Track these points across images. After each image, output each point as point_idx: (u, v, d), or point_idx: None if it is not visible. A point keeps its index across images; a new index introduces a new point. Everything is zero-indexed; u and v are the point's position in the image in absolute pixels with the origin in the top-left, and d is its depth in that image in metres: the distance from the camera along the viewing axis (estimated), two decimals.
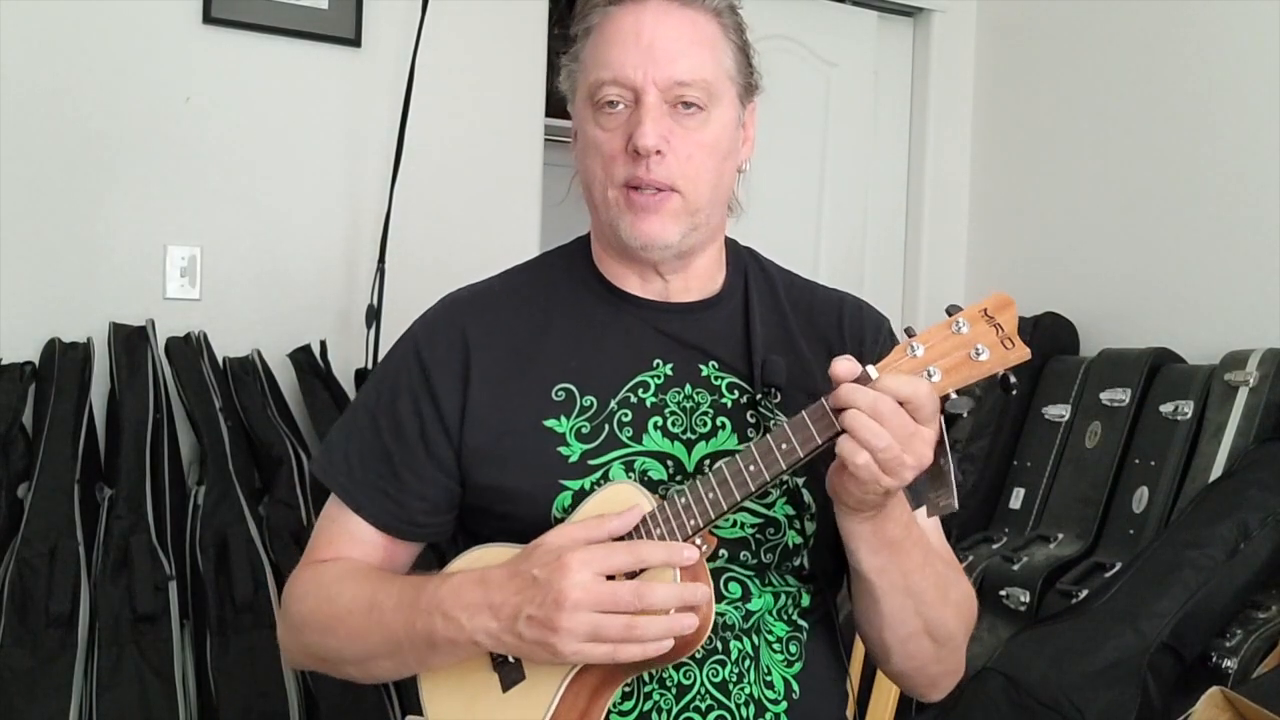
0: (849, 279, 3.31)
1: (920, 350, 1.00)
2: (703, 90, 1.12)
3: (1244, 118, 2.75)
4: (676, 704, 1.11)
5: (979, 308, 1.01)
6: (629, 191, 1.13)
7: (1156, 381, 2.69)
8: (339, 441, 1.23)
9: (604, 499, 1.08)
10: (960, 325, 1.00)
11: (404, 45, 2.70)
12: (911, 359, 1.00)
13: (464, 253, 2.73)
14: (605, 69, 1.12)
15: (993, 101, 3.51)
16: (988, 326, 1.00)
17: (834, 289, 1.31)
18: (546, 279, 1.25)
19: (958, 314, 1.01)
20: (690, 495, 1.04)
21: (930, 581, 1.13)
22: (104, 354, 2.38)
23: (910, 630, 1.14)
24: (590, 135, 1.15)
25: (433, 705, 1.15)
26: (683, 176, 1.12)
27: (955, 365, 1.00)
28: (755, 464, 1.02)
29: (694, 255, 1.20)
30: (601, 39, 1.13)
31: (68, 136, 2.44)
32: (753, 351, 1.17)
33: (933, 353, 1.00)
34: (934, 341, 1.00)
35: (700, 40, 1.13)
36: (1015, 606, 2.53)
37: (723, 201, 1.20)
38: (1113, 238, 3.06)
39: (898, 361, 1.00)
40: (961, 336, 1.00)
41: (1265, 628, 2.16)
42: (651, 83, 1.10)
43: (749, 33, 1.21)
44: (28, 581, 2.08)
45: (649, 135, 1.09)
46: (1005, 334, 1.00)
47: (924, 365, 0.99)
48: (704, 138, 1.13)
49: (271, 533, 2.29)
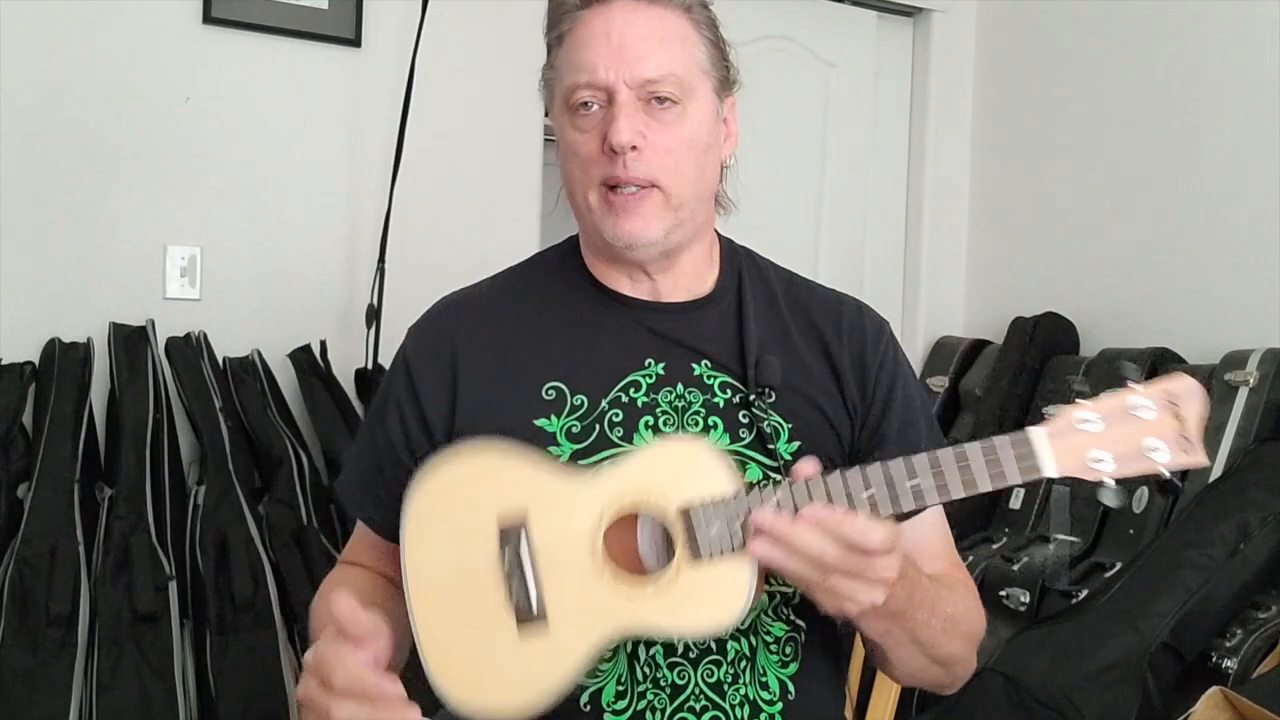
0: (849, 279, 3.31)
1: (1097, 424, 0.91)
2: (675, 85, 1.12)
3: (1244, 118, 2.75)
4: (671, 704, 1.11)
5: (1162, 388, 0.92)
6: (608, 192, 1.13)
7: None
8: (350, 450, 1.29)
9: (671, 455, 1.05)
10: (1140, 407, 0.91)
11: (404, 45, 2.70)
12: (1084, 433, 0.91)
13: (464, 253, 2.73)
14: (578, 72, 1.12)
15: (993, 101, 3.51)
16: (1170, 417, 0.91)
17: (834, 290, 1.30)
18: (538, 279, 1.26)
19: (1137, 389, 0.92)
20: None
21: (939, 630, 1.10)
22: (104, 354, 2.38)
23: (918, 666, 1.13)
24: (568, 139, 1.15)
25: (427, 626, 1.05)
26: (662, 170, 1.12)
27: (1127, 455, 0.92)
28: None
29: (679, 253, 1.19)
30: (574, 42, 1.14)
31: (68, 136, 2.44)
32: (746, 351, 1.17)
33: (1109, 435, 0.91)
34: (1110, 417, 0.92)
35: (669, 36, 1.13)
36: (1015, 607, 2.53)
37: (707, 197, 1.20)
38: (1113, 238, 3.06)
39: (1066, 432, 0.92)
40: (1140, 422, 0.91)
41: (1265, 628, 2.16)
42: (623, 82, 1.11)
43: (730, 30, 1.21)
44: (28, 581, 2.08)
45: (623, 132, 1.10)
46: (1187, 430, 0.91)
47: (1093, 446, 0.91)
48: (681, 131, 1.13)
49: (271, 533, 2.29)
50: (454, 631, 1.04)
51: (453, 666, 1.04)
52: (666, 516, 1.02)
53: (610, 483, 1.05)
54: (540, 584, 1.03)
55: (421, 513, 1.07)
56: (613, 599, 1.02)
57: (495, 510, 1.05)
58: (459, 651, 1.04)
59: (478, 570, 1.04)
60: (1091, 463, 0.92)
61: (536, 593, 1.03)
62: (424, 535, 1.06)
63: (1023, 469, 0.95)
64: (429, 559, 1.06)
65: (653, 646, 1.11)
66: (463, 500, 1.07)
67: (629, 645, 1.12)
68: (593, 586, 1.02)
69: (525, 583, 1.03)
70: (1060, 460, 0.94)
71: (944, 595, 1.12)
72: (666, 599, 1.01)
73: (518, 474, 1.06)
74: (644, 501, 1.03)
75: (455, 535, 1.06)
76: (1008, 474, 0.95)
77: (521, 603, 1.03)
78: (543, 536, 1.04)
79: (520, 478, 1.06)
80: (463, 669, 1.03)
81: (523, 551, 1.04)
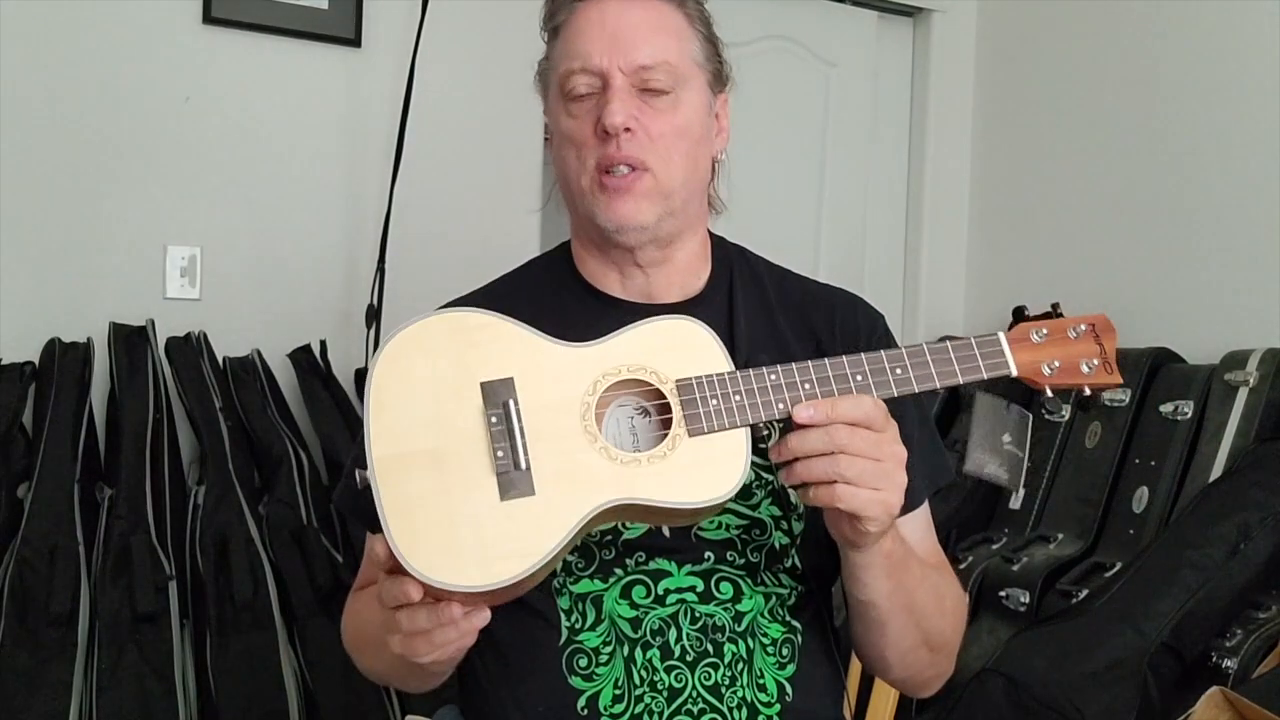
0: (849, 279, 3.29)
1: (1046, 339, 1.07)
2: (668, 74, 1.14)
3: (1244, 117, 2.75)
4: (668, 707, 1.11)
5: (1089, 320, 1.08)
6: (601, 175, 1.14)
7: (1156, 381, 2.69)
8: (348, 462, 1.28)
9: (667, 332, 1.05)
10: (1078, 331, 1.07)
11: (404, 45, 2.70)
12: (1036, 345, 1.06)
13: (464, 253, 2.72)
14: (574, 59, 1.15)
15: (993, 101, 3.50)
16: (1095, 344, 1.08)
17: (828, 285, 1.30)
18: (529, 284, 1.26)
19: (1075, 320, 1.08)
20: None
21: (930, 595, 1.14)
22: (104, 354, 2.38)
23: (911, 644, 1.15)
24: (563, 127, 1.17)
25: (393, 493, 0.97)
26: (653, 153, 1.13)
27: (1067, 368, 1.06)
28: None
29: (673, 247, 1.20)
30: (569, 33, 1.16)
31: (68, 136, 2.45)
32: (736, 350, 1.17)
33: (1053, 346, 1.07)
34: (1055, 335, 1.07)
35: (664, 27, 1.16)
36: (1015, 607, 2.53)
37: (699, 191, 1.21)
38: (1113, 238, 3.06)
39: (1023, 341, 1.06)
40: (1075, 344, 1.07)
41: (1265, 628, 2.15)
42: (617, 68, 1.13)
43: (730, 30, 1.23)
44: (28, 581, 2.08)
45: (616, 113, 1.11)
46: (1106, 356, 1.08)
47: (1044, 357, 1.06)
48: (674, 119, 1.15)
49: (271, 533, 2.29)
50: (426, 499, 0.96)
51: (424, 535, 0.95)
52: (664, 388, 1.02)
53: (604, 353, 1.03)
54: (528, 448, 0.98)
55: (391, 371, 1.00)
56: (605, 469, 0.99)
57: (477, 372, 1.00)
58: (431, 520, 0.96)
59: (456, 433, 0.98)
60: (1044, 369, 1.07)
61: (525, 456, 0.98)
62: (393, 395, 0.99)
63: (990, 366, 1.06)
64: (397, 421, 0.98)
65: (650, 650, 1.11)
66: (439, 361, 1.01)
67: (626, 649, 1.12)
68: (584, 455, 0.99)
69: (514, 446, 0.98)
70: (1019, 363, 1.06)
71: (928, 567, 1.16)
72: (661, 471, 0.99)
73: (501, 336, 1.02)
74: (641, 371, 1.02)
75: (430, 396, 0.99)
76: (981, 368, 1.06)
77: (508, 467, 0.97)
78: (531, 400, 1.00)
79: (504, 340, 1.02)
80: (436, 538, 0.95)
81: (512, 413, 0.98)
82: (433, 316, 1.04)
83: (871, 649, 1.18)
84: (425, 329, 1.02)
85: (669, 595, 1.13)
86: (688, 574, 1.14)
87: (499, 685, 1.17)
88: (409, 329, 1.02)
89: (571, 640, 1.13)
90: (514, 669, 1.15)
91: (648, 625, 1.12)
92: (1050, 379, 1.06)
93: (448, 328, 1.03)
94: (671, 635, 1.12)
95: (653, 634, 1.12)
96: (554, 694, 1.12)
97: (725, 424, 1.00)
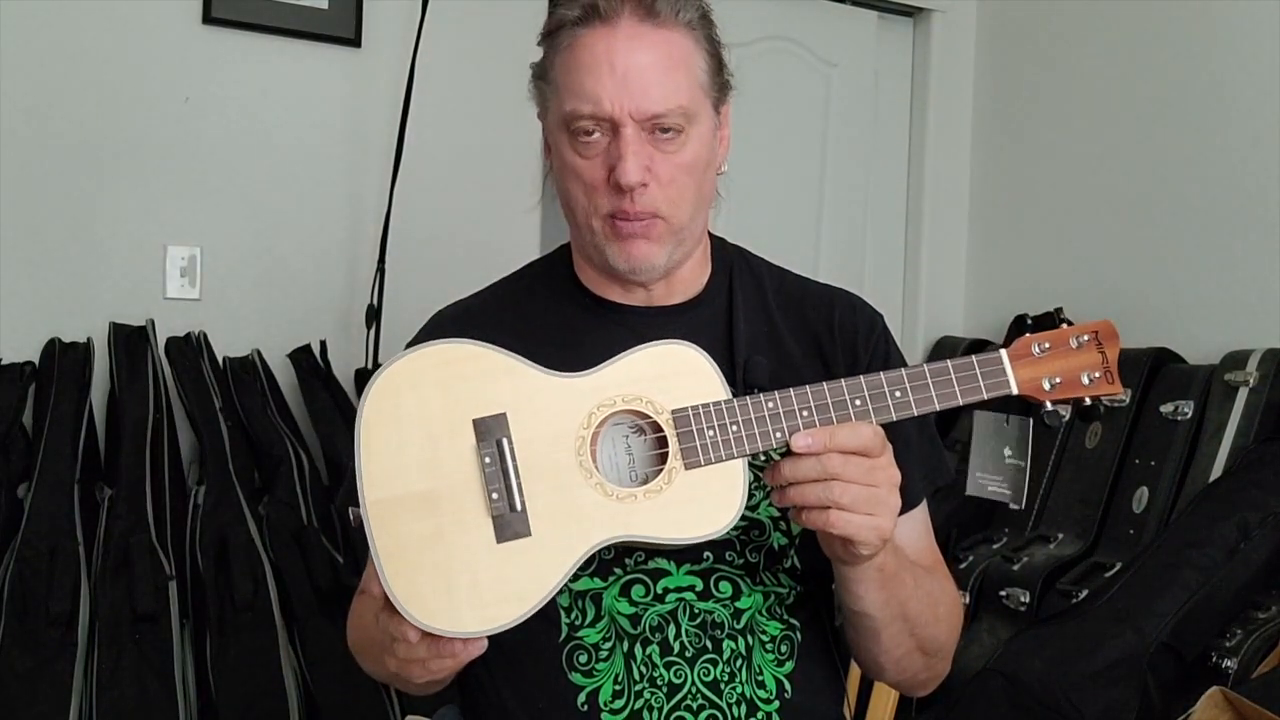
0: (849, 279, 3.29)
1: (1048, 353, 1.04)
2: (680, 116, 1.11)
3: (1244, 117, 2.75)
4: (668, 703, 1.11)
5: (1090, 329, 1.06)
6: (614, 221, 1.13)
7: (1156, 381, 2.69)
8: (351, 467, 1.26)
9: (664, 358, 1.03)
10: (1080, 341, 1.05)
11: (404, 45, 2.70)
12: (1038, 360, 1.04)
13: (464, 253, 2.73)
14: (581, 100, 1.10)
15: (993, 101, 3.51)
16: (1097, 353, 1.05)
17: (828, 285, 1.30)
18: (528, 289, 1.26)
19: (1078, 330, 1.06)
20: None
21: (924, 603, 1.14)
22: (104, 354, 2.38)
23: (905, 650, 1.15)
24: (569, 162, 1.14)
25: (387, 538, 0.95)
26: (666, 202, 1.12)
27: (1068, 382, 1.04)
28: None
29: (677, 266, 1.20)
30: (574, 63, 1.11)
31: (68, 136, 2.45)
32: (735, 352, 1.17)
33: (1055, 359, 1.04)
34: (1057, 347, 1.04)
35: (674, 64, 1.11)
36: (1015, 607, 2.53)
37: (705, 212, 1.20)
38: (1113, 238, 3.06)
39: (1024, 356, 1.04)
40: (1077, 355, 1.05)
41: (1265, 628, 2.16)
42: (629, 115, 1.09)
43: (730, 31, 1.19)
44: (28, 581, 2.08)
45: (632, 173, 1.08)
46: (1108, 365, 1.06)
47: (1046, 372, 1.04)
48: (684, 158, 1.12)
49: (271, 533, 2.29)
50: (421, 543, 0.95)
51: (420, 581, 0.94)
52: (660, 419, 1.00)
53: (597, 383, 1.00)
54: (522, 488, 0.96)
55: (381, 408, 0.98)
56: (601, 507, 0.97)
57: (469, 408, 0.97)
58: (427, 563, 0.95)
59: (449, 475, 0.96)
60: (1045, 385, 1.04)
61: (520, 497, 0.96)
62: (384, 435, 0.97)
63: (991, 386, 1.04)
64: (389, 462, 0.97)
65: (649, 646, 1.12)
66: (429, 398, 0.98)
67: (625, 645, 1.12)
68: (580, 492, 0.97)
69: (508, 487, 0.96)
70: (1020, 381, 1.04)
71: (922, 573, 1.15)
72: (658, 507, 0.98)
73: (492, 369, 0.99)
74: (636, 401, 1.00)
75: (420, 436, 0.97)
76: (982, 389, 1.04)
77: (503, 510, 0.96)
78: (524, 436, 0.97)
79: (495, 372, 0.99)
80: (432, 584, 0.94)
81: (505, 452, 0.97)
82: (420, 350, 1.01)
83: (866, 654, 1.18)
84: (413, 364, 1.00)
85: (668, 594, 1.13)
86: (687, 573, 1.14)
87: (499, 682, 1.17)
88: (397, 364, 1.00)
89: (571, 636, 1.13)
90: (514, 666, 1.15)
91: (647, 621, 1.12)
92: (1051, 394, 1.04)
93: (436, 361, 1.00)
94: (670, 631, 1.12)
95: (652, 630, 1.12)
96: (554, 690, 1.12)
97: (722, 455, 0.99)
